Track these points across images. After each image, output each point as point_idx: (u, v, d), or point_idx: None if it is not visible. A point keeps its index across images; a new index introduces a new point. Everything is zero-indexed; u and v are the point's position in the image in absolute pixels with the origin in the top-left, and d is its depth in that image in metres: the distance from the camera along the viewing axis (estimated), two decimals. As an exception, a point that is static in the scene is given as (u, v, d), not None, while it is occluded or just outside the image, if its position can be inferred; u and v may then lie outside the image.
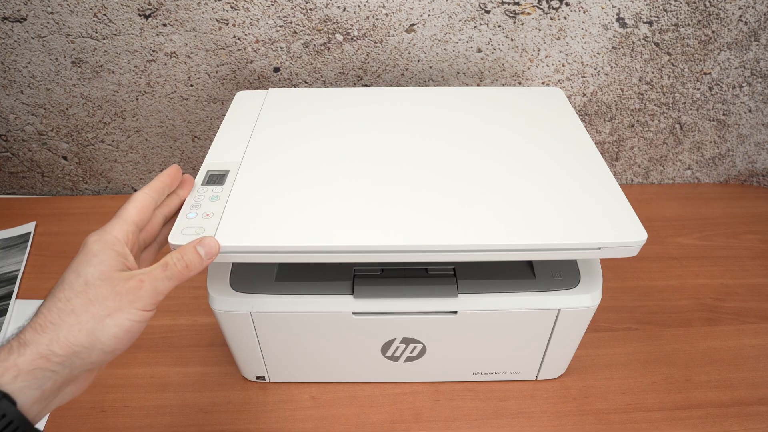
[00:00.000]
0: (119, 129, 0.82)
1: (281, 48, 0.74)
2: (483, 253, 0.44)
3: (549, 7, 0.70)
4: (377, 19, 0.71)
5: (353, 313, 0.51)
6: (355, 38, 0.73)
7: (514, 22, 0.71)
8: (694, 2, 0.70)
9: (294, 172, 0.50)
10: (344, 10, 0.70)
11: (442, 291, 0.51)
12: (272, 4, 0.69)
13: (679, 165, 0.90)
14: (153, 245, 0.45)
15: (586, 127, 0.77)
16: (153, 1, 0.69)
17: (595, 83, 0.78)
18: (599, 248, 0.44)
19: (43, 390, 0.33)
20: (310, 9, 0.70)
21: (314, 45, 0.73)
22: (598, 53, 0.75)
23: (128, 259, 0.38)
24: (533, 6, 0.70)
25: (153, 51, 0.73)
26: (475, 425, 0.56)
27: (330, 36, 0.72)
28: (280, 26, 0.71)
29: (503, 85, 0.78)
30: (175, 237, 0.43)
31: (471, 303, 0.50)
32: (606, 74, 0.77)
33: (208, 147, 0.77)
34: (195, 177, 0.50)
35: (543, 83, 0.78)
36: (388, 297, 0.51)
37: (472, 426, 0.56)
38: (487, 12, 0.70)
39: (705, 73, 0.78)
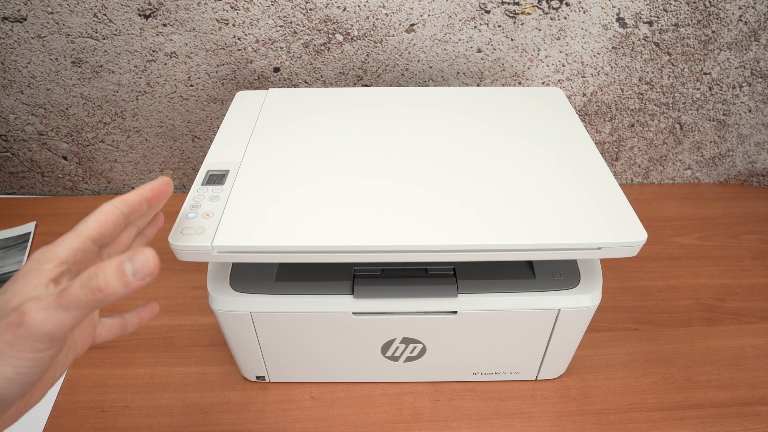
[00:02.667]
0: (119, 129, 0.82)
1: (281, 48, 0.74)
2: (483, 253, 0.44)
3: (549, 7, 0.70)
4: (377, 19, 0.71)
5: (353, 313, 0.51)
6: (355, 38, 0.73)
7: (514, 22, 0.72)
8: (694, 2, 0.70)
9: (294, 172, 0.50)
10: (344, 10, 0.70)
11: (442, 291, 0.51)
12: (272, 4, 0.69)
13: (679, 165, 0.90)
14: None
15: (586, 127, 0.77)
16: (153, 1, 0.69)
17: (595, 83, 0.78)
18: (599, 248, 0.44)
19: None
20: (310, 9, 0.70)
21: (314, 45, 0.73)
22: (598, 53, 0.75)
23: (59, 282, 0.31)
24: (533, 6, 0.70)
25: (153, 51, 0.73)
26: (475, 425, 0.56)
27: (330, 36, 0.72)
28: (280, 26, 0.71)
29: (503, 85, 0.78)
30: (175, 237, 0.43)
31: (471, 303, 0.51)
32: (606, 74, 0.77)
33: (208, 147, 0.77)
34: (195, 177, 0.49)
35: (543, 83, 0.78)
36: (388, 297, 0.51)
37: (472, 426, 0.56)
38: (487, 12, 0.70)
39: (705, 73, 0.78)
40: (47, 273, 0.31)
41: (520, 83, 0.78)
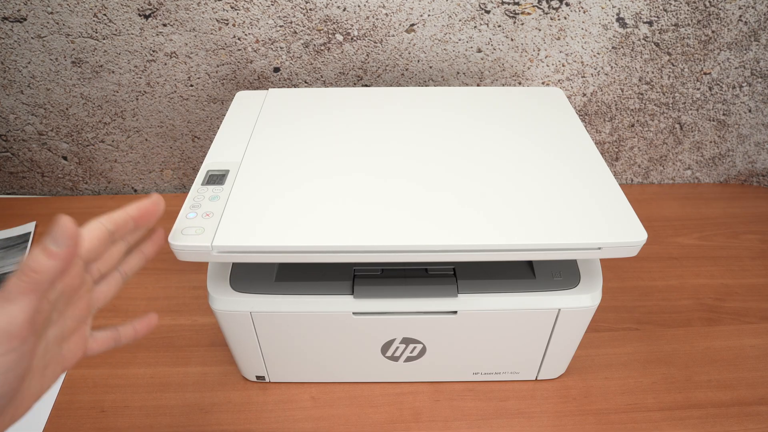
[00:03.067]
0: (119, 129, 0.82)
1: (281, 48, 0.74)
2: (483, 253, 0.44)
3: (549, 7, 0.70)
4: (377, 19, 0.71)
5: (353, 313, 0.51)
6: (355, 38, 0.73)
7: (514, 22, 0.72)
8: (694, 2, 0.70)
9: (294, 172, 0.50)
10: (344, 10, 0.70)
11: (442, 291, 0.51)
12: (272, 4, 0.69)
13: (679, 165, 0.90)
14: (115, 275, 0.40)
15: (586, 127, 0.77)
16: (153, 1, 0.69)
17: (595, 83, 0.78)
18: (599, 248, 0.44)
19: None
20: (310, 9, 0.70)
21: (314, 45, 0.73)
22: (598, 53, 0.75)
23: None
24: (533, 6, 0.70)
25: (153, 51, 0.73)
26: (475, 425, 0.56)
27: (330, 36, 0.72)
28: (280, 26, 0.71)
29: (503, 85, 0.78)
30: (175, 237, 0.43)
31: (471, 303, 0.51)
32: (606, 74, 0.77)
33: (208, 147, 0.77)
34: (195, 177, 0.49)
35: (543, 83, 0.78)
36: (388, 297, 0.51)
37: (472, 426, 0.56)
38: (487, 12, 0.70)
39: (705, 73, 0.78)
40: None
41: (520, 83, 0.78)
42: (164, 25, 0.71)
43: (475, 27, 0.72)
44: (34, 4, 0.69)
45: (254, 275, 0.52)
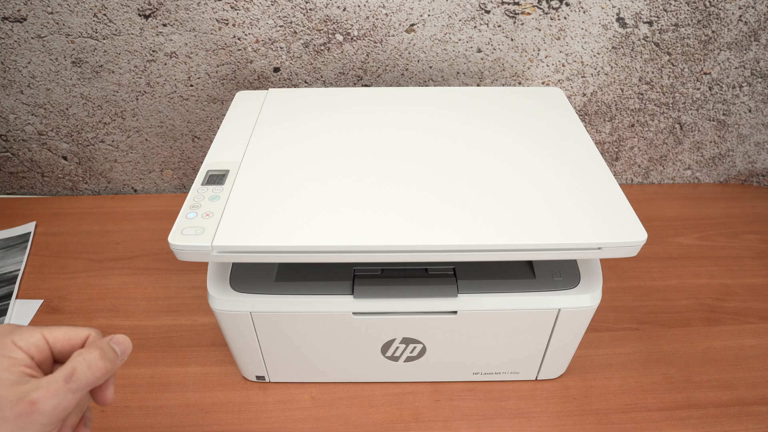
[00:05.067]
0: (119, 129, 0.82)
1: (281, 48, 0.74)
2: (483, 253, 0.44)
3: (549, 7, 0.70)
4: (377, 19, 0.71)
5: (353, 313, 0.51)
6: (355, 38, 0.73)
7: (514, 22, 0.72)
8: (694, 2, 0.70)
9: (294, 172, 0.50)
10: (344, 10, 0.70)
11: (442, 291, 0.51)
12: (272, 4, 0.69)
13: (679, 165, 0.90)
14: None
15: (586, 127, 0.77)
16: (153, 1, 0.69)
17: (595, 83, 0.78)
18: (599, 248, 0.44)
19: None
20: (310, 9, 0.70)
21: (314, 45, 0.73)
22: (598, 53, 0.75)
23: (33, 369, 0.32)
24: (533, 6, 0.70)
25: (153, 51, 0.73)
26: (475, 425, 0.56)
27: (330, 36, 0.72)
28: (280, 26, 0.71)
29: (503, 85, 0.78)
30: (175, 237, 0.43)
31: (471, 303, 0.50)
32: (606, 74, 0.77)
33: (208, 147, 0.77)
34: (195, 177, 0.49)
35: (543, 83, 0.78)
36: (388, 297, 0.51)
37: (472, 426, 0.56)
38: (487, 12, 0.70)
39: (705, 73, 0.78)
40: (15, 361, 0.31)
41: (520, 83, 0.78)
42: (164, 25, 0.71)
43: (475, 27, 0.72)
44: (34, 4, 0.69)
45: (254, 275, 0.52)
